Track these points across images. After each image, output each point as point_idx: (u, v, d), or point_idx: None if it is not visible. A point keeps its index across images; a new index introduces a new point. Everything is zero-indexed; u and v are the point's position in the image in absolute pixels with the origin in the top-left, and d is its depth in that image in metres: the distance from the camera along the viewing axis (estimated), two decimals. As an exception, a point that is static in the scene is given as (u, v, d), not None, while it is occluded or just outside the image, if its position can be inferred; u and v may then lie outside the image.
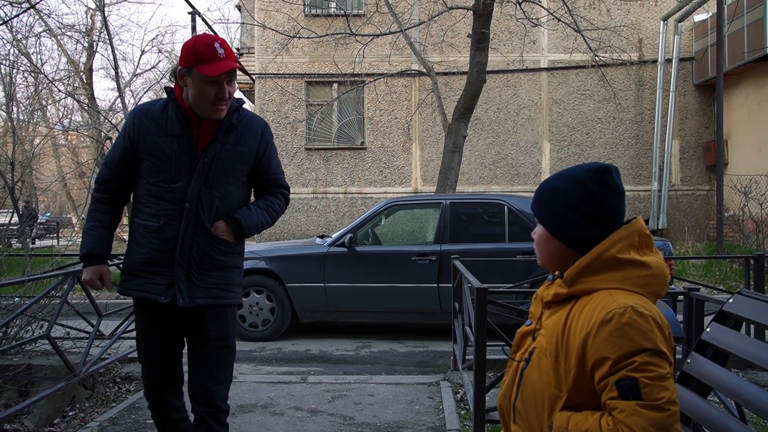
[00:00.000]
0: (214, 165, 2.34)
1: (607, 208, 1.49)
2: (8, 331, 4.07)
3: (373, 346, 6.22)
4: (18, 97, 18.86)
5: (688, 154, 13.98)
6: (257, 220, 2.46)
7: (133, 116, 2.39)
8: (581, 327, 1.40)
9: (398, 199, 6.91)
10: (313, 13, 13.87)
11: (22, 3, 9.49)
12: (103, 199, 2.42)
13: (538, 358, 1.50)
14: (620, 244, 1.46)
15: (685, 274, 9.45)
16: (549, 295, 1.55)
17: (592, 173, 1.49)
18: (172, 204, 2.31)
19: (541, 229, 1.56)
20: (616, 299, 1.39)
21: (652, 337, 1.34)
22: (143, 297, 2.36)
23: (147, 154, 2.32)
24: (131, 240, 2.40)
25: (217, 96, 2.25)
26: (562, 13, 10.16)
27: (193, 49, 2.23)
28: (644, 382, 1.29)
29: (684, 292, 3.25)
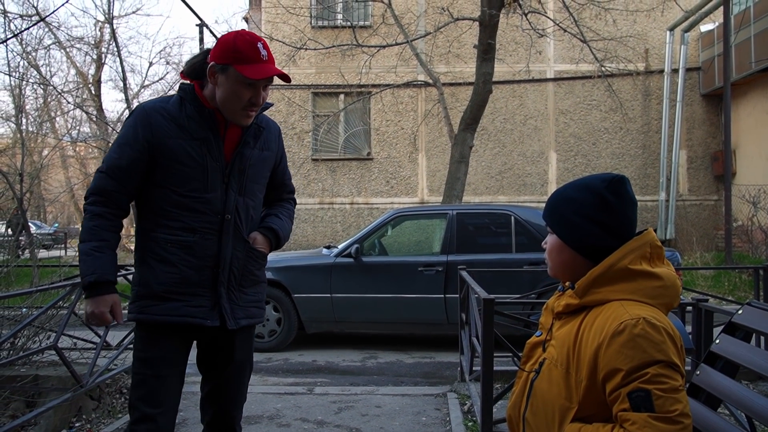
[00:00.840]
0: (248, 171, 2.14)
1: (622, 218, 1.49)
2: (16, 341, 4.08)
3: (379, 356, 6.19)
4: (27, 109, 19.05)
5: (695, 164, 13.93)
6: (288, 229, 2.32)
7: (146, 115, 2.04)
8: (593, 338, 1.39)
9: (405, 210, 6.90)
10: (320, 25, 13.95)
11: (32, 16, 9.60)
12: (105, 214, 2.02)
13: (549, 369, 1.49)
14: (632, 255, 1.45)
15: (694, 284, 9.39)
16: (560, 305, 1.54)
17: (608, 183, 1.50)
18: (209, 216, 2.06)
19: (554, 239, 1.56)
20: (629, 310, 1.38)
21: (665, 348, 1.33)
22: (184, 323, 2.04)
23: (171, 161, 2.02)
24: (152, 258, 2.04)
25: (251, 101, 2.04)
26: (568, 23, 10.18)
27: (233, 45, 1.99)
28: (657, 394, 1.28)
29: (693, 303, 3.23)
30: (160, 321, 2.04)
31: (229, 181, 2.09)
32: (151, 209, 2.07)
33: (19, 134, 14.88)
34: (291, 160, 13.83)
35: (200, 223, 2.05)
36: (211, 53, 2.05)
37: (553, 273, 1.60)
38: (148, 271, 2.05)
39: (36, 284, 6.28)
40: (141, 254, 2.08)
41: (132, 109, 2.15)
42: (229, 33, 2.06)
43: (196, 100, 2.07)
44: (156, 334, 2.06)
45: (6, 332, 3.73)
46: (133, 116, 2.07)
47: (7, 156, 12.65)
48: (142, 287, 2.05)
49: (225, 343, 2.15)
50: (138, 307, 2.05)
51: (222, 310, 2.08)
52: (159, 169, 2.03)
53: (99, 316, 1.98)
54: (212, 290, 2.07)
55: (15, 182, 7.97)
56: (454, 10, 11.49)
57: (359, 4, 13.29)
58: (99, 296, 1.97)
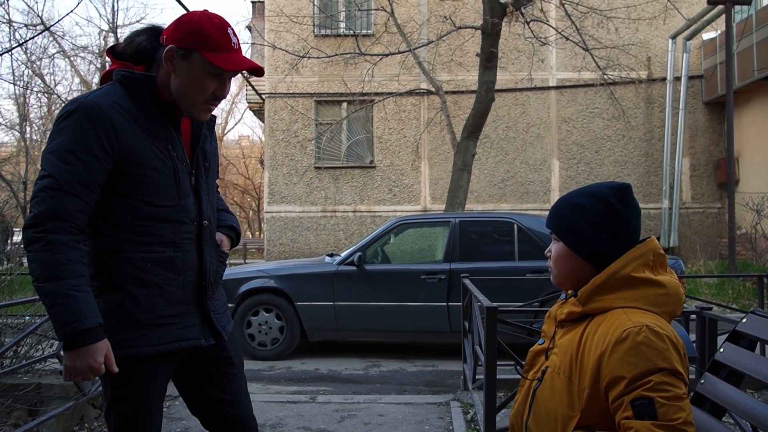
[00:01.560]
0: (211, 168, 1.92)
1: (629, 225, 1.50)
2: (18, 349, 4.08)
3: (382, 365, 6.18)
4: (31, 117, 19.12)
5: (698, 172, 13.92)
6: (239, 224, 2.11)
7: (102, 114, 1.65)
8: (596, 346, 1.39)
9: (407, 218, 6.90)
10: (323, 34, 14.00)
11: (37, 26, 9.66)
12: (71, 243, 1.60)
13: (551, 378, 1.49)
14: (635, 263, 1.45)
15: (698, 292, 9.36)
16: (563, 313, 1.54)
17: (615, 191, 1.51)
18: (187, 225, 1.81)
19: (560, 246, 1.55)
20: (632, 318, 1.38)
21: (668, 356, 1.32)
22: (179, 348, 1.80)
23: (141, 166, 1.70)
24: (128, 282, 1.72)
25: (215, 94, 1.76)
26: (570, 32, 10.21)
27: (200, 28, 1.70)
28: (660, 402, 1.28)
29: (696, 311, 3.22)
30: (152, 353, 1.74)
31: (197, 183, 1.85)
32: (116, 225, 1.71)
33: (23, 143, 14.94)
34: (294, 168, 13.87)
35: (179, 235, 1.79)
36: (168, 34, 1.73)
37: (558, 281, 1.60)
38: (126, 299, 1.72)
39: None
40: (110, 279, 1.71)
41: (74, 105, 1.67)
42: (194, 12, 1.75)
43: (155, 93, 1.74)
44: (142, 368, 1.76)
45: (9, 340, 3.73)
46: (81, 114, 1.65)
47: (11, 164, 12.70)
48: (121, 318, 1.71)
49: (221, 352, 1.93)
50: (120, 342, 1.69)
51: (213, 323, 1.88)
52: (124, 178, 1.70)
53: (96, 369, 1.59)
54: (198, 305, 1.85)
55: (18, 190, 8.00)
56: (456, 18, 11.53)
57: (362, 12, 13.34)
58: (92, 344, 1.58)
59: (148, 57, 1.77)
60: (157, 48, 1.77)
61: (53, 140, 1.67)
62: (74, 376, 1.61)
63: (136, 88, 1.73)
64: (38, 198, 1.61)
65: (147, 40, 1.78)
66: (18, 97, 16.72)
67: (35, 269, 1.59)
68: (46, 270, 1.57)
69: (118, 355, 1.66)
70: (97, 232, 1.72)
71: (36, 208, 1.60)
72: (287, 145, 13.98)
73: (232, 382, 1.95)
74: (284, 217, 13.99)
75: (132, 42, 1.79)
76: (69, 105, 1.69)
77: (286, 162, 13.98)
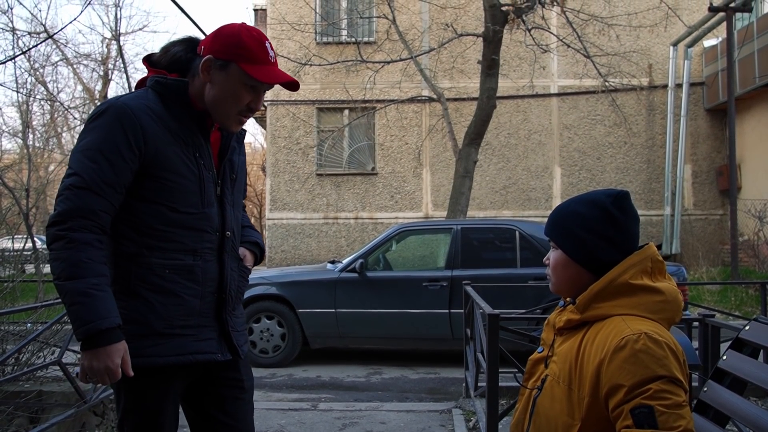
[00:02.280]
0: (237, 180, 1.90)
1: (627, 232, 1.50)
2: (20, 357, 4.08)
3: (384, 372, 6.17)
4: (34, 125, 19.19)
5: (700, 179, 13.91)
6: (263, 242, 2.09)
7: (131, 115, 1.66)
8: (595, 354, 1.39)
9: (409, 225, 6.90)
10: (325, 41, 14.05)
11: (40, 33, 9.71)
12: (94, 242, 1.59)
13: (551, 386, 1.49)
14: (633, 269, 1.45)
15: (700, 299, 9.34)
16: (561, 321, 1.54)
17: (614, 198, 1.51)
18: (209, 234, 1.77)
19: (559, 254, 1.55)
20: (630, 325, 1.38)
21: (667, 364, 1.32)
22: (194, 361, 1.74)
23: (167, 171, 1.70)
24: (144, 288, 1.69)
25: (249, 106, 1.77)
26: (571, 39, 10.23)
27: (239, 40, 1.71)
28: (659, 410, 1.27)
29: (699, 318, 3.21)
30: (166, 363, 1.70)
31: (222, 193, 1.83)
32: (136, 229, 1.69)
33: (26, 150, 14.99)
34: (296, 174, 13.88)
35: (200, 244, 1.75)
36: (206, 45, 1.75)
37: (556, 289, 1.59)
38: (142, 305, 1.68)
39: (41, 299, 6.29)
40: (126, 284, 1.68)
41: (105, 106, 1.70)
42: (231, 24, 1.77)
43: (185, 99, 1.75)
44: (155, 379, 1.71)
45: (11, 348, 3.73)
46: (112, 115, 1.66)
47: (13, 171, 12.73)
48: (136, 325, 1.67)
49: (233, 374, 1.87)
50: (134, 350, 1.64)
51: (231, 339, 1.83)
52: (149, 181, 1.69)
53: (113, 371, 1.56)
54: (216, 319, 1.81)
55: (21, 197, 8.02)
56: (458, 26, 11.57)
57: (364, 20, 13.39)
58: (110, 345, 1.55)
59: (183, 67, 1.79)
60: (193, 58, 1.79)
61: (82, 139, 1.68)
62: (90, 378, 1.58)
63: (168, 94, 1.74)
64: (63, 196, 1.61)
65: (182, 50, 1.80)
66: (21, 104, 16.78)
67: (57, 267, 1.58)
68: (67, 268, 1.56)
69: (136, 365, 1.63)
70: (117, 234, 1.69)
71: (60, 205, 1.60)
72: (289, 152, 14.01)
73: (240, 408, 1.88)
74: (286, 224, 14.00)
75: (167, 51, 1.81)
76: (100, 106, 1.71)
77: (288, 169, 14.00)
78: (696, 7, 13.54)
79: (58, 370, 3.55)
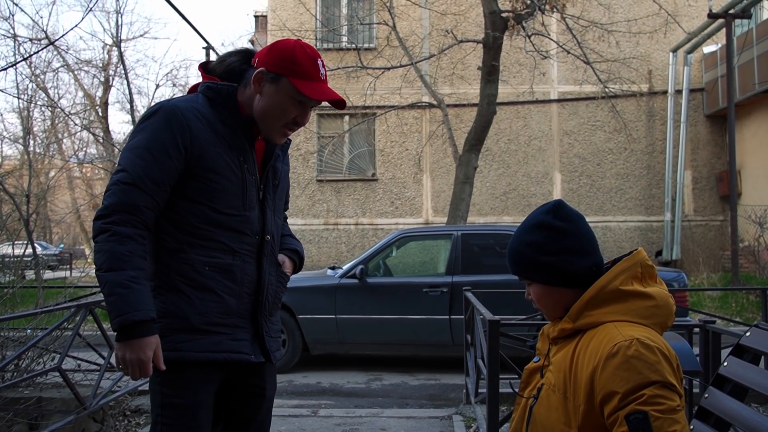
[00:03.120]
0: (280, 187, 1.95)
1: (582, 236, 1.52)
2: (20, 363, 4.07)
3: (384, 378, 6.15)
4: (35, 131, 19.23)
5: (700, 185, 13.92)
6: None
7: (180, 116, 1.73)
8: (588, 361, 1.40)
9: (409, 231, 6.90)
10: (325, 47, 14.08)
11: (41, 40, 9.73)
12: (136, 237, 1.65)
13: (547, 395, 1.49)
14: (623, 276, 1.46)
15: (701, 305, 9.32)
16: (555, 330, 1.55)
17: (552, 212, 1.54)
18: (248, 237, 1.81)
19: (536, 287, 1.57)
20: (622, 332, 1.38)
21: (660, 369, 1.32)
22: (228, 359, 1.77)
23: (210, 172, 1.74)
24: (184, 284, 1.73)
25: (296, 120, 1.82)
26: (571, 45, 10.26)
27: (293, 55, 1.76)
28: (654, 416, 1.28)
29: (700, 324, 3.21)
30: (202, 359, 1.73)
31: (264, 198, 1.87)
32: (178, 226, 1.75)
33: (27, 156, 15.01)
34: (296, 180, 13.88)
35: (239, 245, 1.79)
36: (260, 57, 1.80)
37: (551, 317, 1.60)
38: (181, 300, 1.73)
39: (41, 305, 6.28)
40: (166, 279, 1.74)
41: (156, 107, 1.79)
42: (288, 40, 1.82)
43: (234, 105, 1.81)
44: (191, 374, 1.73)
45: (11, 354, 3.73)
46: (162, 116, 1.73)
47: (14, 177, 12.75)
48: (174, 319, 1.72)
49: (253, 380, 1.88)
50: (171, 344, 1.69)
51: (264, 342, 1.85)
52: (193, 181, 1.74)
53: (144, 363, 1.60)
54: (252, 321, 1.83)
55: (22, 203, 8.02)
56: (458, 32, 11.60)
57: (364, 26, 13.43)
58: (142, 338, 1.59)
59: (237, 77, 1.84)
60: (246, 69, 1.84)
61: (133, 138, 1.74)
62: (130, 369, 1.61)
63: (217, 98, 1.80)
64: (111, 191, 1.68)
65: (237, 61, 1.86)
66: (22, 110, 16.82)
67: (98, 258, 1.63)
68: (108, 260, 1.62)
69: (167, 358, 1.66)
70: (159, 230, 1.75)
71: (107, 200, 1.67)
72: (290, 158, 13.99)
73: (257, 416, 1.90)
74: (286, 229, 13.99)
75: (223, 61, 1.87)
76: (152, 107, 1.78)
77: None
78: (695, 13, 13.57)
79: (58, 376, 3.55)
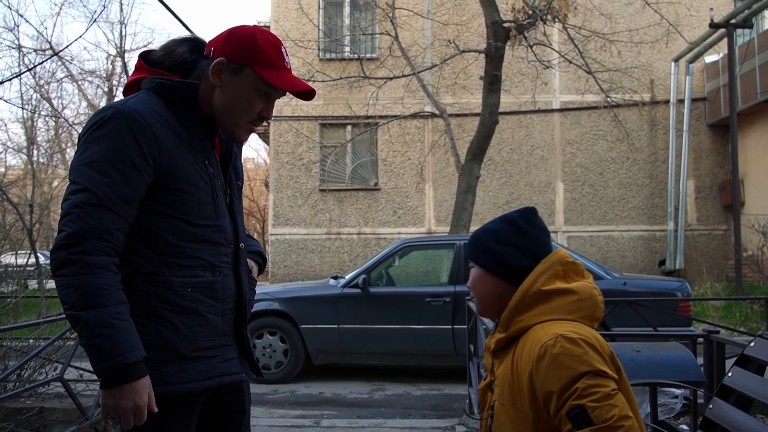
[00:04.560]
0: (240, 188, 1.79)
1: (537, 242, 1.57)
2: (22, 373, 4.07)
3: (387, 388, 6.13)
4: (39, 141, 19.30)
5: (703, 194, 13.90)
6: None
7: (143, 122, 1.50)
8: (524, 368, 1.43)
9: (412, 240, 6.90)
10: (328, 57, 14.14)
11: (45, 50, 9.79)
12: (111, 266, 1.44)
13: (499, 411, 1.51)
14: (543, 276, 1.50)
15: (704, 315, 9.28)
16: (492, 343, 1.57)
17: (521, 213, 1.61)
18: (225, 247, 1.65)
19: (476, 271, 1.61)
20: (547, 331, 1.41)
21: (587, 359, 1.35)
22: (221, 384, 1.63)
23: (181, 181, 1.56)
24: (166, 310, 1.54)
25: (261, 114, 1.65)
26: (573, 55, 10.28)
27: (254, 43, 1.58)
28: (591, 407, 1.30)
29: (703, 334, 3.20)
30: (195, 389, 1.56)
31: (231, 202, 1.71)
32: (151, 246, 1.54)
33: (30, 165, 15.06)
34: (299, 190, 13.91)
35: (218, 258, 1.63)
36: (216, 47, 1.61)
37: (480, 309, 1.63)
38: (165, 329, 1.53)
39: (44, 315, 6.28)
40: (145, 307, 1.52)
41: (110, 112, 1.50)
42: (244, 26, 1.63)
43: (195, 105, 1.62)
44: (178, 408, 1.56)
45: (13, 364, 3.72)
46: (120, 122, 1.49)
47: (17, 187, 12.78)
48: (160, 351, 1.52)
49: (234, 396, 1.73)
50: (158, 378, 1.49)
51: (252, 356, 1.73)
52: (161, 193, 1.54)
53: (141, 409, 1.41)
54: (235, 336, 1.70)
55: (25, 213, 8.04)
56: (460, 42, 11.64)
57: (366, 37, 13.48)
58: (137, 380, 1.40)
59: (187, 69, 1.65)
60: (197, 60, 1.65)
61: (87, 150, 1.49)
62: (114, 417, 1.42)
63: (175, 98, 1.59)
64: (72, 215, 1.42)
65: (188, 51, 1.66)
66: (26, 120, 16.88)
67: (69, 295, 1.40)
68: (84, 296, 1.39)
69: (157, 394, 1.47)
70: (131, 253, 1.52)
71: (70, 226, 1.42)
72: (292, 168, 14.03)
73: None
74: (289, 239, 14.00)
75: (172, 52, 1.65)
76: (103, 111, 1.53)
77: (290, 184, 14.02)
78: (697, 23, 13.60)
79: (60, 386, 3.54)
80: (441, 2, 13.52)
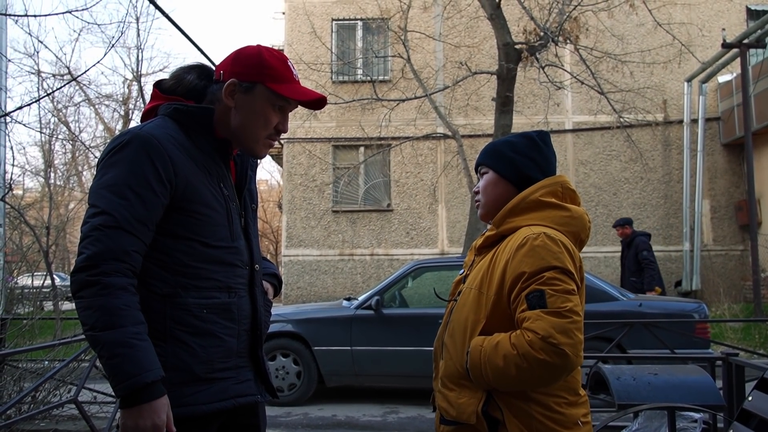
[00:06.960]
0: (255, 211, 1.82)
1: (548, 160, 1.74)
2: (37, 395, 4.08)
3: (401, 411, 6.07)
4: (56, 164, 19.57)
5: (719, 214, 13.77)
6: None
7: (159, 146, 1.54)
8: (504, 256, 1.60)
9: (425, 261, 6.88)
10: (341, 80, 14.27)
11: (63, 75, 9.97)
12: (129, 287, 1.47)
13: (465, 295, 1.69)
14: (543, 190, 1.67)
15: (723, 337, 9.14)
16: (481, 239, 1.76)
17: (537, 132, 1.77)
18: (240, 269, 1.68)
19: (489, 175, 1.76)
20: (533, 229, 1.58)
21: (561, 257, 1.51)
22: (236, 406, 1.63)
23: (197, 204, 1.59)
24: (182, 331, 1.56)
25: (278, 128, 1.68)
26: (585, 76, 10.30)
27: (261, 59, 1.63)
28: (550, 293, 1.46)
29: (722, 357, 3.15)
30: (210, 411, 1.57)
31: (246, 225, 1.74)
32: (167, 268, 1.57)
33: (48, 188, 15.26)
34: (312, 211, 13.95)
35: (234, 279, 1.65)
36: (225, 69, 1.66)
37: (485, 210, 1.78)
38: (181, 350, 1.55)
39: (59, 337, 6.31)
40: (161, 328, 1.54)
41: (128, 137, 1.56)
42: (249, 46, 1.68)
43: (210, 129, 1.66)
44: (195, 427, 1.56)
45: (28, 386, 3.74)
46: (137, 146, 1.53)
47: (35, 209, 12.94)
48: (176, 372, 1.53)
49: (250, 419, 1.74)
50: (174, 400, 1.49)
51: (268, 378, 1.73)
52: (178, 215, 1.57)
53: (160, 429, 1.42)
54: (251, 358, 1.70)
55: (42, 235, 8.13)
56: (472, 64, 11.71)
57: (379, 59, 13.60)
58: (155, 400, 1.42)
59: (199, 95, 1.70)
60: (207, 86, 1.70)
61: (106, 174, 1.53)
62: None
63: (190, 122, 1.64)
64: (92, 237, 1.46)
65: (196, 78, 1.71)
66: (44, 144, 17.15)
67: (89, 317, 1.43)
68: (103, 317, 1.42)
69: (173, 415, 1.47)
70: (147, 275, 1.55)
71: (89, 248, 1.45)
72: (305, 189, 14.10)
73: None
74: (302, 260, 14.02)
75: (182, 79, 1.70)
76: (122, 136, 1.58)
77: (303, 206, 14.08)
78: (709, 43, 13.60)
79: (74, 408, 3.55)
80: (453, 25, 13.63)
